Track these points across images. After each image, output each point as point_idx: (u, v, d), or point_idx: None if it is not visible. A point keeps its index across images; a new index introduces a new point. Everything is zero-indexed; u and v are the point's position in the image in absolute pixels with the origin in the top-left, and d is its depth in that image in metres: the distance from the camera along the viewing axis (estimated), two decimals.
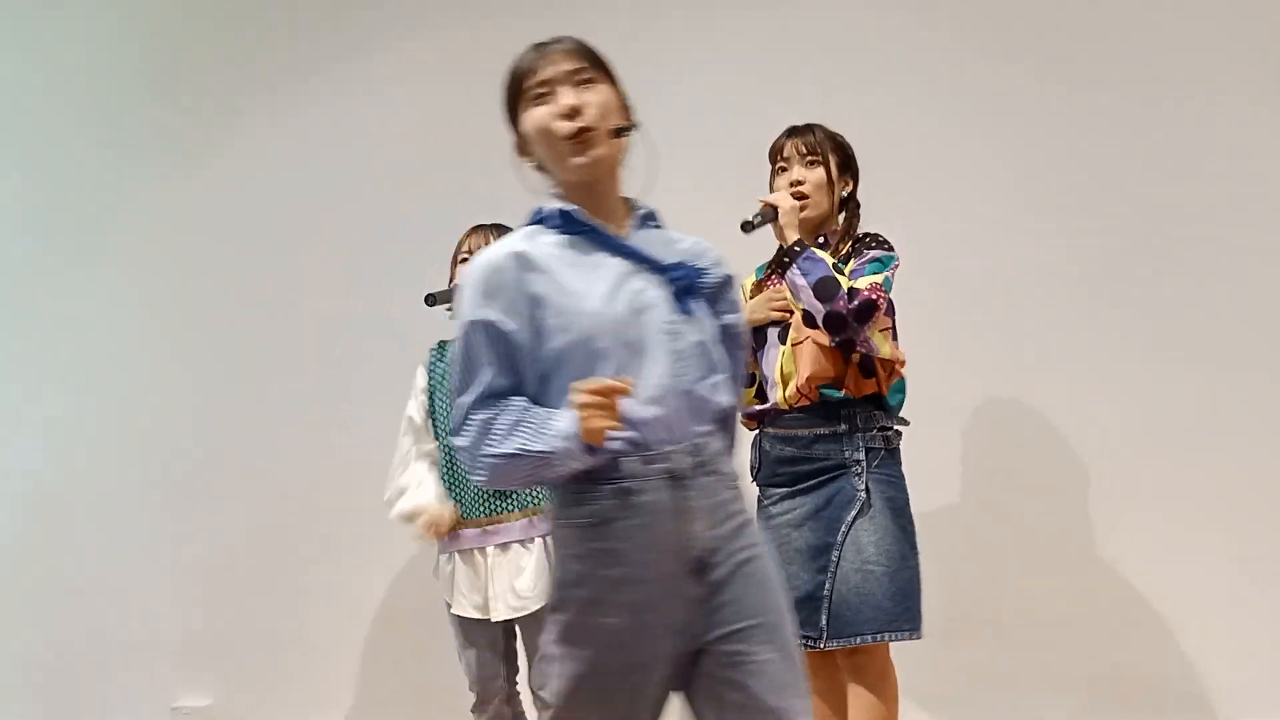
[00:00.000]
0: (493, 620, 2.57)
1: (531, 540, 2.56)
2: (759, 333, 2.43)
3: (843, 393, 2.31)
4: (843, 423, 2.32)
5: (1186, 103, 3.04)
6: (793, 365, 2.34)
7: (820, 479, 2.32)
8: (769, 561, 1.62)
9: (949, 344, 3.07)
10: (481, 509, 2.60)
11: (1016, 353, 3.09)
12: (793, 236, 2.28)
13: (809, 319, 2.25)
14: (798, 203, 2.34)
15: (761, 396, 2.48)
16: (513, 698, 2.66)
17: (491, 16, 3.37)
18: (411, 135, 3.48)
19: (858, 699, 2.30)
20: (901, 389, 2.41)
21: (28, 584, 3.60)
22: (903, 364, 2.40)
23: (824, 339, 2.26)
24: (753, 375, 2.47)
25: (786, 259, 2.26)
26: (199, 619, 3.52)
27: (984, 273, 3.10)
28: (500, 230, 2.78)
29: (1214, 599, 2.91)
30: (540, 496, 2.55)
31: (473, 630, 2.60)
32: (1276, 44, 3.02)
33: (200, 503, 3.53)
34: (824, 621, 2.25)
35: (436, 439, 2.69)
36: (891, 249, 2.37)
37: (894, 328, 2.40)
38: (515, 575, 2.55)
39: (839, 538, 2.27)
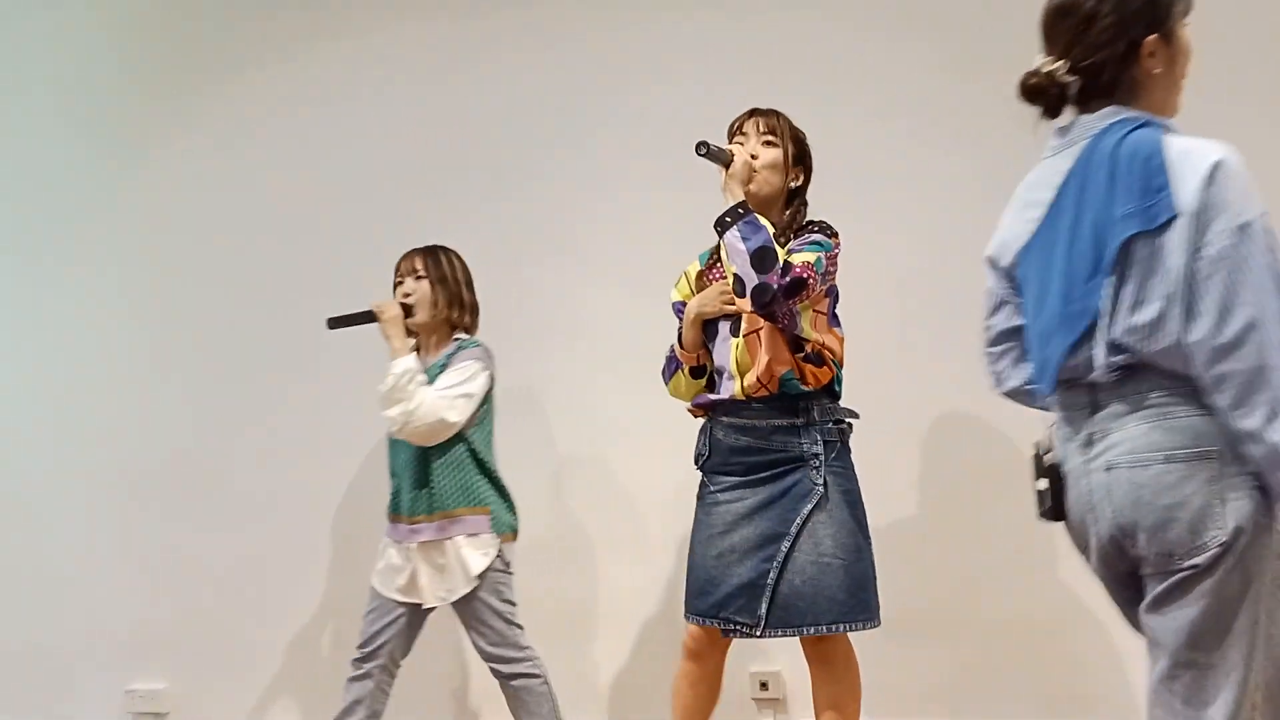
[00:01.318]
0: (423, 607, 2.79)
1: (450, 539, 2.73)
2: (709, 325, 2.42)
3: (802, 385, 2.31)
4: (800, 415, 2.32)
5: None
6: (748, 357, 2.33)
7: (776, 470, 2.32)
8: None
9: (934, 341, 3.11)
10: (412, 507, 2.76)
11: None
12: (737, 192, 2.24)
13: (738, 285, 2.20)
14: (752, 164, 2.32)
15: (711, 388, 2.48)
16: (391, 670, 2.82)
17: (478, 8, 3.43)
18: (398, 128, 3.51)
19: (823, 685, 2.35)
20: (840, 379, 2.42)
21: None
22: (839, 352, 2.40)
23: (746, 305, 2.23)
24: (703, 366, 2.47)
25: (729, 218, 2.20)
26: (153, 605, 3.52)
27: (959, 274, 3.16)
28: (435, 253, 2.86)
29: None
30: (456, 500, 2.74)
31: (387, 604, 2.78)
32: (1242, 45, 3.11)
33: (159, 494, 3.54)
34: (763, 610, 2.27)
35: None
36: (834, 235, 2.36)
37: (834, 314, 2.41)
38: (439, 571, 2.74)
39: (792, 529, 2.27)
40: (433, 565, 2.74)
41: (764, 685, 3.14)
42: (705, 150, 2.23)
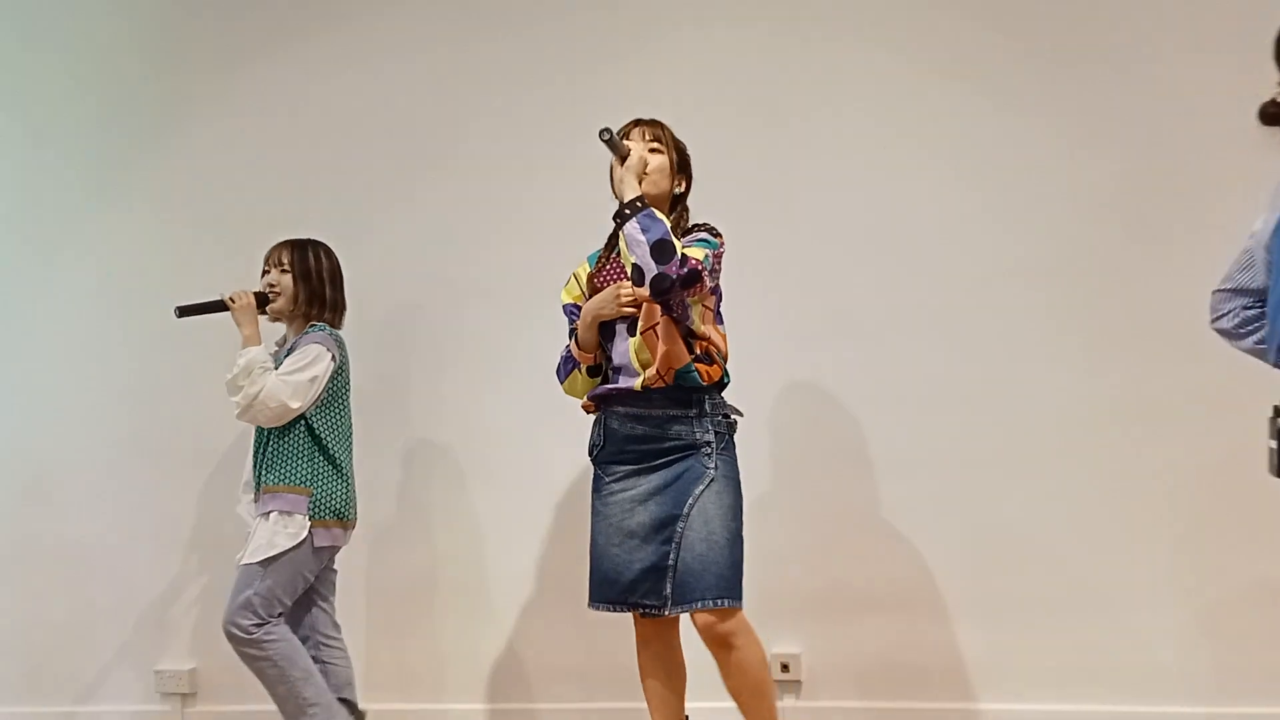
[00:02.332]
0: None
1: (266, 513, 2.80)
2: (605, 325, 2.49)
3: (698, 379, 2.40)
4: (693, 406, 2.42)
5: (1146, 94, 3.11)
6: (646, 352, 2.41)
7: (670, 457, 2.42)
8: None
9: (914, 333, 3.19)
10: (257, 482, 2.86)
11: (971, 340, 3.17)
12: (633, 184, 2.33)
13: (637, 274, 2.28)
14: (648, 162, 2.40)
15: (604, 382, 2.54)
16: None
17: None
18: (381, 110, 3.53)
19: (732, 666, 2.38)
20: (727, 374, 2.50)
21: (9, 551, 3.63)
22: (723, 347, 2.48)
23: (644, 293, 2.31)
24: (599, 365, 2.54)
25: (628, 211, 2.29)
26: (181, 585, 3.56)
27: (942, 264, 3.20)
28: (304, 248, 2.90)
29: (1120, 586, 3.03)
30: (280, 477, 2.80)
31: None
32: (1236, 35, 3.08)
33: (186, 470, 3.57)
34: (668, 590, 2.36)
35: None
36: (719, 236, 2.45)
37: (719, 311, 2.49)
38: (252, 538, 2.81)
39: (685, 509, 2.37)
40: (252, 535, 2.81)
41: (785, 667, 3.16)
42: (608, 137, 2.30)
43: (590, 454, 2.56)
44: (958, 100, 3.22)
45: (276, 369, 2.81)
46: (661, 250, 2.24)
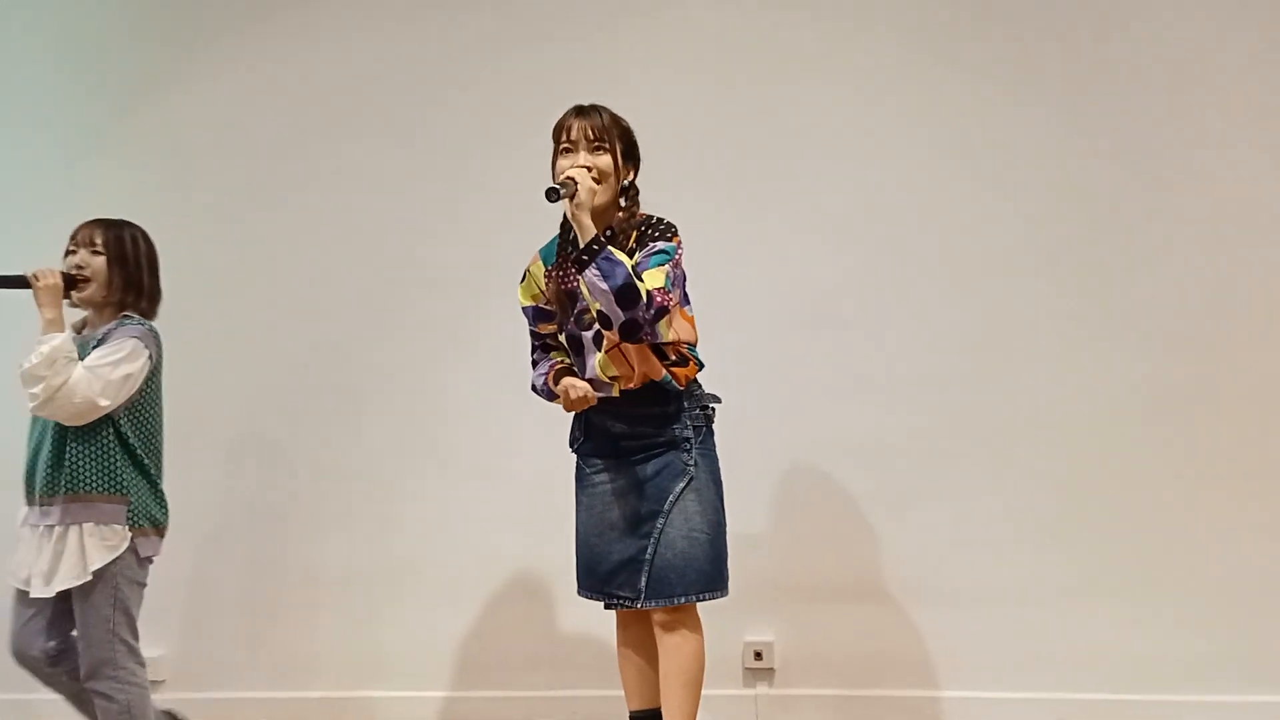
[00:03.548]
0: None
1: (77, 524, 2.51)
2: (574, 340, 2.47)
3: (675, 385, 2.40)
4: (671, 403, 2.42)
5: (1142, 96, 3.13)
6: (613, 368, 2.40)
7: (650, 452, 2.42)
8: None
9: (890, 324, 3.18)
10: (46, 487, 2.54)
11: (964, 330, 3.18)
12: (588, 225, 2.26)
13: (604, 320, 2.27)
14: (595, 186, 2.32)
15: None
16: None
17: None
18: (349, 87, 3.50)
19: (674, 653, 2.38)
20: (700, 361, 2.49)
21: None
22: (693, 334, 2.47)
23: (614, 337, 2.30)
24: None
25: (585, 256, 2.25)
26: (151, 574, 3.49)
27: (943, 257, 3.20)
28: (120, 229, 2.63)
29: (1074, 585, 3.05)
30: (92, 483, 2.51)
31: (23, 598, 2.56)
32: (1225, 33, 3.11)
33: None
34: (643, 584, 2.37)
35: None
36: (675, 235, 2.39)
37: (684, 293, 2.46)
38: (57, 557, 2.50)
39: (666, 506, 2.37)
40: (53, 550, 2.49)
41: (758, 655, 3.16)
42: (555, 197, 2.24)
43: (571, 446, 2.54)
44: (940, 89, 3.21)
45: (82, 359, 2.51)
46: (625, 296, 2.21)
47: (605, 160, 2.39)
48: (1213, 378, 3.04)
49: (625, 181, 2.45)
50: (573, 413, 2.51)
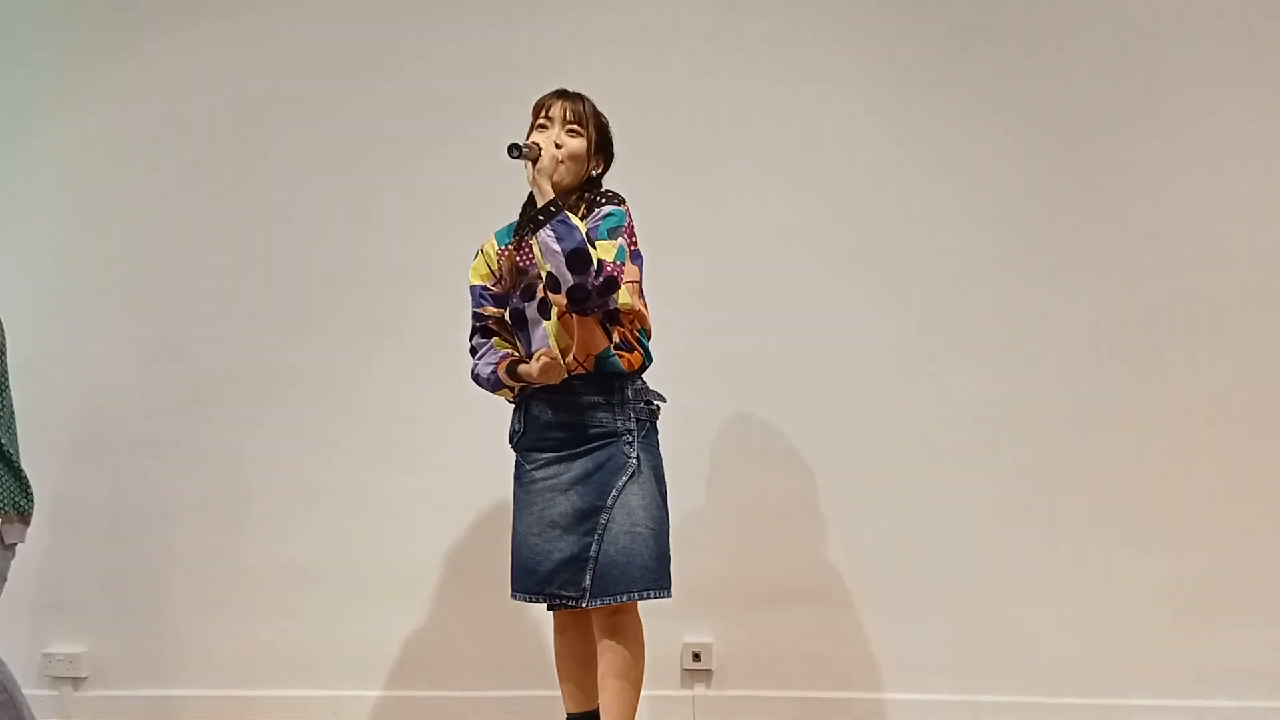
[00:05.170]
0: None
1: None
2: (519, 314, 2.45)
3: (618, 366, 2.38)
4: (615, 393, 2.40)
5: (1096, 103, 3.16)
6: (565, 336, 2.38)
7: (591, 445, 2.39)
8: None
9: (837, 329, 3.19)
10: None
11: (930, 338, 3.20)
12: (547, 190, 2.27)
13: (552, 283, 2.26)
14: (560, 160, 2.34)
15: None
16: None
17: None
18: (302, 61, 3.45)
19: (613, 654, 2.36)
20: (649, 353, 2.47)
21: None
22: (647, 322, 2.46)
23: (561, 301, 2.28)
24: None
25: (541, 217, 2.25)
26: (70, 565, 3.41)
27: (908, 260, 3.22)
28: None
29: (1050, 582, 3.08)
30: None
31: None
32: (1209, 38, 3.16)
33: (74, 446, 3.44)
34: (587, 582, 2.33)
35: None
36: (622, 202, 2.40)
37: (640, 282, 2.44)
38: None
39: (609, 501, 2.34)
40: None
41: (696, 656, 3.15)
42: (517, 153, 2.26)
43: (511, 441, 2.50)
44: (897, 94, 3.22)
45: None
46: (576, 260, 2.21)
47: (578, 143, 2.40)
48: (1155, 386, 3.09)
49: (594, 172, 2.46)
50: (515, 401, 2.48)
